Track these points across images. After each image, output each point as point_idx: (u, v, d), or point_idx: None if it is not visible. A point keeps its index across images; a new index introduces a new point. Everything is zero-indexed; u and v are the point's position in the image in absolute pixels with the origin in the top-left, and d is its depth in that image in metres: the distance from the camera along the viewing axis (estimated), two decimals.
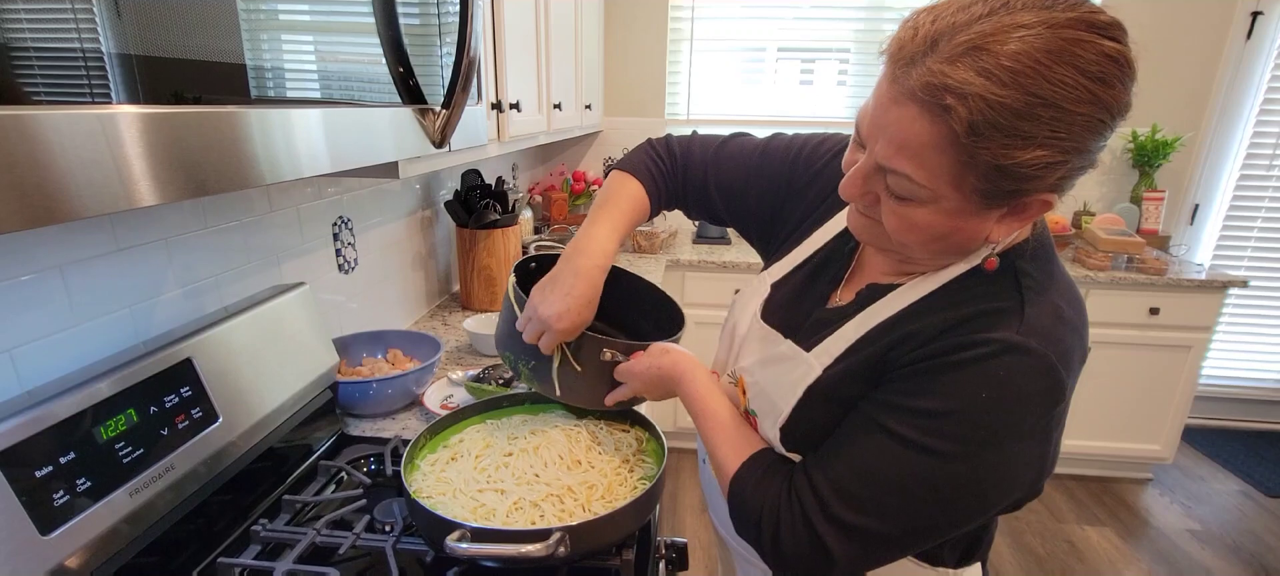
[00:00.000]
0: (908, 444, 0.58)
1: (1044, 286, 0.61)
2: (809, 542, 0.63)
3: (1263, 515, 2.48)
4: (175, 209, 0.90)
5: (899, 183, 0.56)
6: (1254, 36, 2.56)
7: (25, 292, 0.71)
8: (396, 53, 0.69)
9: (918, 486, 0.59)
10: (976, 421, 0.56)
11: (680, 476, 2.62)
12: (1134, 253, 2.39)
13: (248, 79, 0.48)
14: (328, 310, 1.28)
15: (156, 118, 0.39)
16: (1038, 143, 0.49)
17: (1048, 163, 0.50)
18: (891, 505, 0.60)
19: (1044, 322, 0.58)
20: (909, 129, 0.53)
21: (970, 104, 0.48)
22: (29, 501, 0.59)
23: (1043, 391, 0.56)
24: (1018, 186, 0.53)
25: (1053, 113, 0.49)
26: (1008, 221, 0.58)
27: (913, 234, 0.59)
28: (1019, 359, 0.56)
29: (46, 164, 0.33)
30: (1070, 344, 0.59)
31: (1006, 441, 0.57)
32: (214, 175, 0.43)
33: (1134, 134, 2.64)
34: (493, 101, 1.32)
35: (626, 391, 0.87)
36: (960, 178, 0.53)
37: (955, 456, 0.57)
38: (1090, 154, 0.53)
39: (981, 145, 0.50)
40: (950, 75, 0.49)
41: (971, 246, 0.61)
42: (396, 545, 0.81)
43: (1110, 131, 0.53)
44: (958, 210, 0.56)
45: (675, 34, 2.80)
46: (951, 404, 0.57)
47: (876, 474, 0.60)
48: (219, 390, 0.83)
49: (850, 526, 0.61)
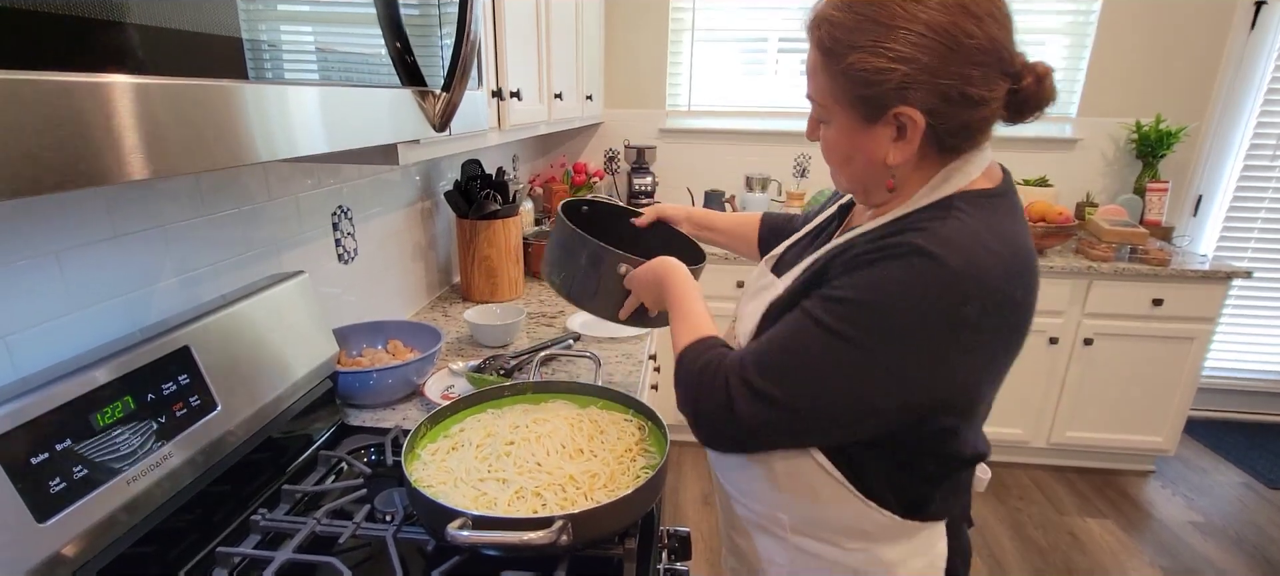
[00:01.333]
0: (820, 325, 0.66)
1: (976, 219, 0.65)
2: (722, 399, 0.71)
3: (1265, 507, 2.47)
4: (172, 196, 0.89)
5: (816, 108, 0.72)
6: (1258, 27, 2.54)
7: (21, 278, 0.70)
8: (394, 30, 0.68)
9: (820, 364, 0.66)
10: (877, 312, 0.63)
11: (683, 467, 2.62)
12: (1137, 243, 2.38)
13: (244, 53, 0.46)
14: (327, 301, 1.28)
15: (149, 89, 0.38)
16: (869, 51, 0.63)
17: (881, 68, 0.63)
18: (795, 377, 0.67)
19: (960, 240, 0.63)
20: (811, 61, 0.70)
21: (822, 26, 0.66)
22: (25, 488, 0.59)
23: (938, 298, 0.61)
24: (875, 93, 0.65)
25: (874, 27, 0.63)
26: (899, 145, 0.67)
27: (831, 155, 0.74)
28: (923, 262, 0.62)
29: (35, 132, 0.32)
30: (988, 269, 0.62)
31: (899, 339, 0.63)
32: (207, 150, 0.42)
33: (1138, 124, 2.62)
34: (493, 89, 1.31)
35: (634, 299, 0.98)
36: (836, 89, 0.68)
37: (855, 343, 0.64)
38: (930, 70, 0.62)
39: (837, 57, 0.65)
40: (819, 10, 0.68)
41: (875, 167, 0.70)
42: (397, 534, 0.80)
43: (944, 51, 0.62)
44: (848, 125, 0.69)
45: (676, 25, 2.78)
46: (861, 295, 0.64)
47: (790, 348, 0.68)
48: (217, 378, 0.82)
49: (757, 390, 0.68)
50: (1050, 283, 2.35)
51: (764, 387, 0.68)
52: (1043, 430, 2.57)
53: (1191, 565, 2.16)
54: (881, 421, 0.68)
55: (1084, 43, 2.64)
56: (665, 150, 2.91)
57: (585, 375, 1.33)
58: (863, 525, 0.77)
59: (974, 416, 0.74)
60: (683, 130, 2.90)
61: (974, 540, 2.24)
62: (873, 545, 0.78)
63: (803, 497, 0.78)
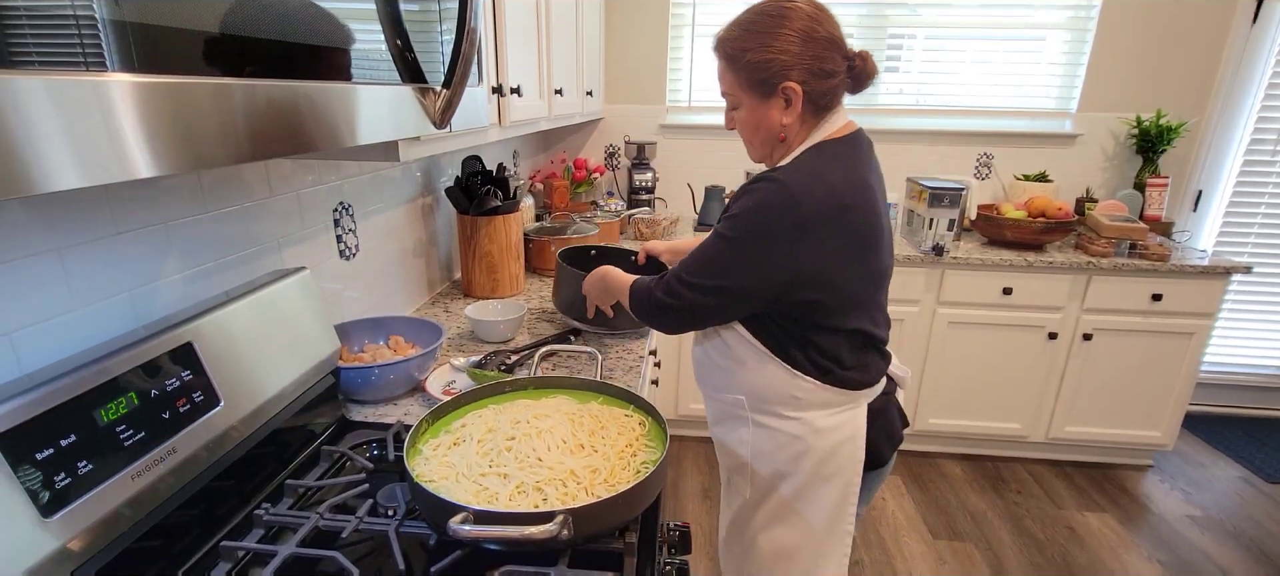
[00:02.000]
0: (716, 234, 1.00)
1: (815, 159, 0.99)
2: (661, 299, 1.06)
3: (1263, 501, 2.48)
4: (174, 193, 0.90)
5: (728, 99, 1.07)
6: (1259, 22, 2.53)
7: (24, 276, 0.70)
8: (395, 27, 0.68)
9: (714, 255, 1.00)
10: (745, 220, 0.97)
11: (683, 462, 2.63)
12: (1137, 239, 2.38)
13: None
14: (329, 297, 1.28)
15: (150, 87, 0.38)
16: (753, 48, 0.98)
17: (766, 58, 0.97)
18: (698, 268, 1.02)
19: (798, 170, 0.97)
20: (720, 69, 1.06)
21: (725, 43, 1.02)
22: (31, 484, 0.59)
23: (781, 206, 0.94)
24: (763, 75, 0.98)
25: (753, 34, 0.98)
26: (788, 110, 1.00)
27: (743, 129, 1.07)
28: (773, 185, 0.95)
29: (37, 130, 0.32)
30: (817, 185, 0.95)
31: (758, 236, 0.96)
32: (209, 147, 0.43)
33: (1138, 120, 2.62)
34: (494, 85, 1.31)
35: (591, 300, 1.35)
36: (739, 80, 1.02)
37: (733, 241, 0.98)
38: (796, 55, 0.96)
39: (737, 60, 1.00)
40: (719, 35, 1.04)
41: (774, 130, 1.02)
42: (400, 529, 0.81)
43: (786, 34, 0.96)
44: (753, 104, 1.02)
45: (676, 20, 2.77)
46: (737, 209, 0.98)
47: (699, 252, 1.03)
48: (220, 374, 0.83)
49: (686, 282, 1.03)
50: (1050, 278, 2.35)
51: (689, 279, 1.02)
52: (1041, 425, 2.58)
53: (1189, 559, 2.17)
54: (762, 295, 1.00)
55: (1084, 38, 2.63)
56: (666, 146, 2.91)
57: (586, 371, 1.33)
58: (794, 392, 1.06)
59: (840, 295, 1.00)
60: (683, 126, 2.90)
61: (971, 532, 2.26)
62: (805, 412, 1.07)
63: (745, 371, 1.09)
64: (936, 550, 2.18)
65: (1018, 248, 2.43)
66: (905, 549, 2.18)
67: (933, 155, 2.80)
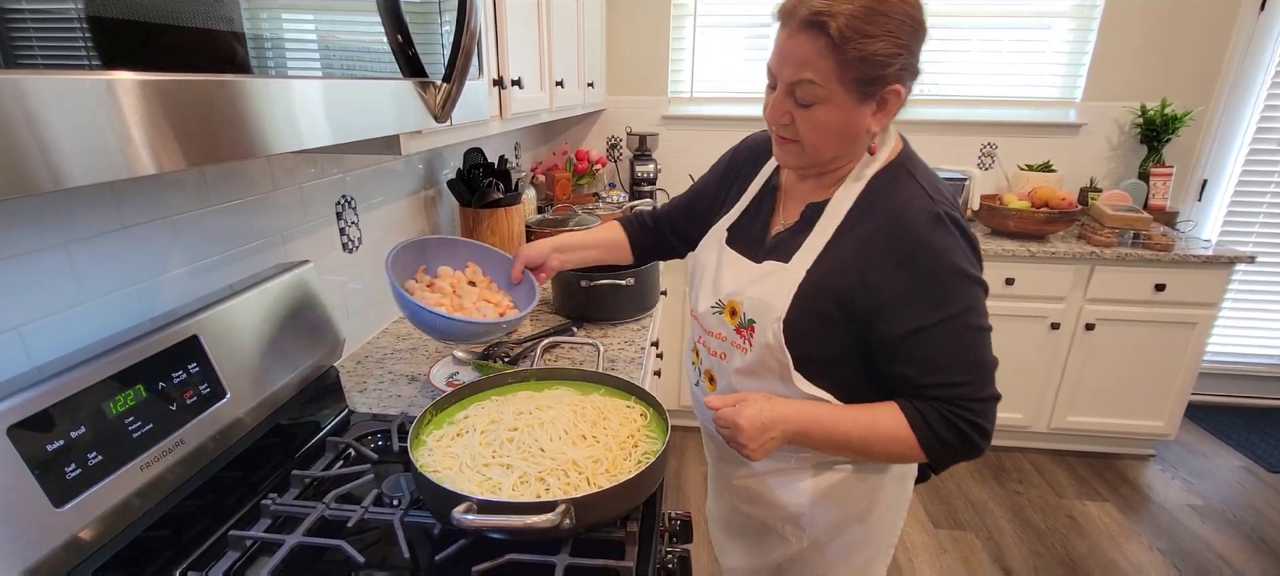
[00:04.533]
0: (952, 319, 0.80)
1: (923, 168, 0.88)
2: (962, 435, 0.83)
3: (1264, 490, 2.49)
4: (178, 188, 0.90)
5: (805, 90, 0.80)
6: (1266, 10, 2.51)
7: (31, 271, 0.71)
8: (395, 22, 0.68)
9: (964, 332, 0.81)
10: (952, 273, 0.80)
11: (685, 452, 2.64)
12: (1141, 228, 2.37)
13: (247, 47, 0.47)
14: (332, 289, 1.29)
15: (155, 85, 0.39)
16: (880, 38, 0.75)
17: (889, 52, 0.76)
18: (974, 357, 0.82)
19: (941, 190, 0.84)
20: (803, 49, 0.77)
21: (838, 18, 0.74)
22: (42, 474, 0.60)
23: (967, 240, 0.82)
24: (877, 73, 0.77)
25: (885, 18, 0.75)
26: (879, 115, 0.82)
27: (821, 134, 0.82)
28: (951, 226, 0.80)
29: (43, 129, 0.33)
30: (950, 194, 0.85)
31: (970, 277, 0.81)
32: (213, 144, 0.43)
33: (1143, 108, 2.60)
34: (494, 78, 1.31)
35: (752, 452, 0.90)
36: (841, 74, 0.77)
37: (979, 283, 0.81)
38: (912, 54, 0.78)
39: (849, 44, 0.74)
40: (825, 5, 0.75)
41: (860, 138, 0.84)
42: (404, 518, 0.82)
43: (919, 36, 0.78)
44: (845, 104, 0.79)
45: (678, 10, 2.76)
46: (949, 264, 0.79)
47: (954, 349, 0.81)
48: (226, 366, 0.84)
49: (964, 404, 0.82)
50: (1053, 268, 2.35)
51: (986, 381, 0.83)
52: (1043, 415, 2.58)
53: (1189, 548, 2.18)
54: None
55: (1089, 26, 2.61)
56: (667, 137, 2.90)
57: (588, 362, 1.34)
58: None
59: None
60: (685, 116, 2.89)
61: (972, 521, 2.27)
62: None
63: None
64: (938, 539, 2.19)
65: (1021, 238, 2.43)
66: (906, 538, 2.19)
67: (936, 145, 2.78)
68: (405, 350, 1.39)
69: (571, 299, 1.55)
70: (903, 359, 0.83)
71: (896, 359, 0.83)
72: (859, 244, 0.83)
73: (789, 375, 0.88)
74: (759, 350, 0.89)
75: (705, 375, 1.04)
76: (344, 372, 1.26)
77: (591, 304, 1.54)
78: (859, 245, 0.83)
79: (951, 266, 0.79)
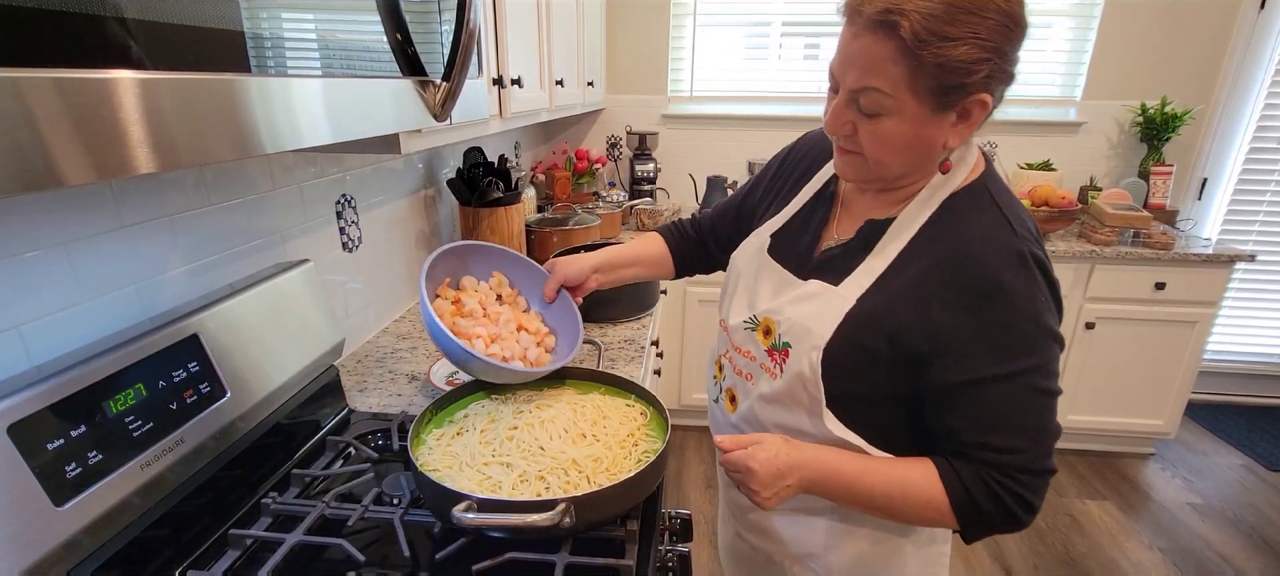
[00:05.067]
0: (1011, 378, 0.70)
1: (1007, 194, 0.76)
2: (1003, 508, 0.73)
3: (1263, 488, 2.49)
4: (178, 186, 0.90)
5: (871, 99, 0.69)
6: (1267, 8, 2.51)
7: (31, 270, 0.71)
8: (395, 21, 0.68)
9: (1032, 399, 0.71)
10: (1031, 321, 0.69)
11: (685, 451, 2.65)
12: (1140, 227, 2.37)
13: (246, 46, 0.47)
14: (332, 289, 1.29)
15: (155, 84, 0.39)
16: (964, 42, 0.63)
17: (975, 58, 0.64)
18: (1037, 424, 0.72)
19: (1024, 221, 0.74)
20: (870, 51, 0.67)
21: (911, 18, 0.63)
22: (42, 473, 0.60)
23: (1049, 280, 0.71)
24: (958, 81, 0.65)
25: (970, 17, 0.63)
26: (959, 127, 0.70)
27: (886, 148, 0.72)
28: (1032, 267, 0.69)
29: (44, 127, 0.33)
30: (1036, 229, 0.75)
31: (1049, 319, 0.71)
32: (213, 143, 0.43)
33: (1143, 107, 2.60)
34: (494, 77, 1.31)
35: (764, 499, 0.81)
36: (914, 82, 0.66)
37: (1035, 367, 0.70)
38: (1006, 57, 0.66)
39: (925, 48, 0.63)
40: (896, 1, 0.63)
41: (934, 153, 0.73)
42: (404, 517, 0.82)
43: (1017, 39, 0.66)
44: (918, 116, 0.68)
45: (678, 9, 2.76)
46: (1012, 320, 0.69)
47: (1013, 410, 0.71)
48: (226, 365, 0.84)
49: (1014, 475, 0.72)
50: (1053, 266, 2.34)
51: (1040, 464, 0.72)
52: None
53: (1189, 546, 2.18)
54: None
55: (1089, 24, 2.61)
56: (667, 136, 2.90)
57: (588, 361, 1.34)
58: None
59: None
60: (685, 116, 2.89)
61: None
62: None
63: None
64: None
65: None
66: None
67: None
68: (405, 349, 1.39)
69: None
70: (954, 410, 0.73)
71: (946, 409, 0.73)
72: (923, 275, 0.73)
73: (819, 411, 0.79)
74: (790, 379, 0.80)
75: (727, 393, 0.94)
76: (344, 372, 1.26)
77: (591, 302, 1.54)
78: (923, 276, 0.73)
79: (1029, 315, 0.69)
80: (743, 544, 1.01)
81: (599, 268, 1.05)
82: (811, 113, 2.76)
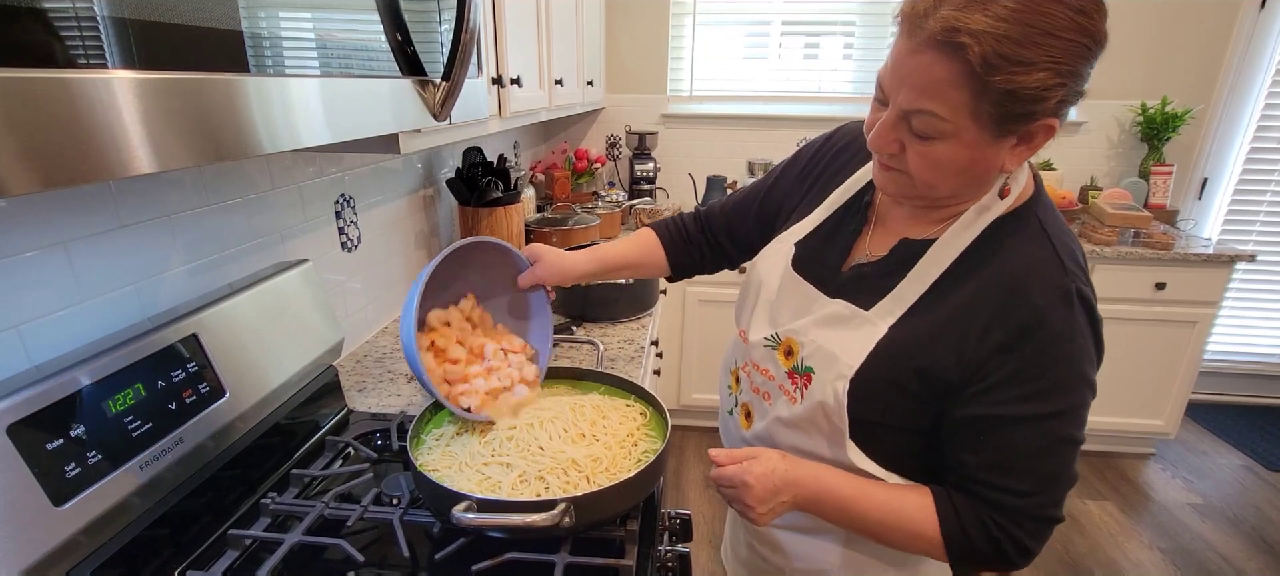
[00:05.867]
0: (1038, 421, 0.66)
1: (1057, 222, 0.71)
2: (1019, 545, 0.70)
3: (1264, 488, 2.49)
4: (177, 186, 0.90)
5: (924, 122, 0.62)
6: (1267, 8, 2.51)
7: (30, 270, 0.71)
8: (394, 21, 0.68)
9: (1055, 446, 0.68)
10: (1069, 366, 0.66)
11: (685, 451, 2.64)
12: (1141, 227, 2.37)
13: (245, 45, 0.47)
14: (331, 288, 1.29)
15: (153, 83, 0.39)
16: (1039, 67, 0.56)
17: (1048, 85, 0.58)
18: (1056, 471, 0.69)
19: (1074, 249, 0.69)
20: (929, 72, 0.60)
21: (982, 40, 0.56)
22: (41, 473, 0.60)
23: (1095, 318, 0.68)
24: (1026, 109, 0.59)
25: (1048, 39, 0.56)
26: (1018, 150, 0.64)
27: (937, 172, 0.65)
28: (1080, 304, 0.65)
29: (41, 129, 0.33)
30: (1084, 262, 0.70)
31: (1087, 366, 0.68)
32: (213, 143, 0.43)
33: (1143, 107, 2.60)
34: (493, 76, 1.30)
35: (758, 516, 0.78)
36: (976, 108, 0.60)
37: (1062, 412, 0.67)
38: (1081, 78, 0.60)
39: (994, 74, 0.57)
40: (962, 20, 0.56)
41: (989, 177, 0.68)
42: (404, 517, 0.82)
43: (1095, 57, 0.60)
44: (976, 141, 0.62)
45: (677, 8, 2.76)
46: (1051, 363, 0.66)
47: (1031, 453, 0.68)
48: (225, 365, 0.84)
49: (1022, 518, 0.69)
50: None
51: (1047, 512, 0.69)
52: None
53: (1190, 546, 2.18)
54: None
55: None
56: (667, 136, 2.90)
57: (587, 361, 1.34)
58: None
59: None
60: (685, 115, 2.89)
61: None
62: None
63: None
64: None
65: None
66: None
67: None
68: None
69: (571, 298, 1.55)
70: (970, 444, 0.70)
71: (963, 441, 0.70)
72: (961, 306, 0.68)
73: (841, 441, 0.75)
74: (811, 406, 0.76)
75: (742, 408, 0.89)
76: (343, 371, 1.26)
77: (591, 303, 1.54)
78: (961, 307, 0.68)
79: (1069, 359, 0.65)
80: (754, 556, 0.97)
81: (588, 275, 1.01)
82: (812, 112, 2.76)
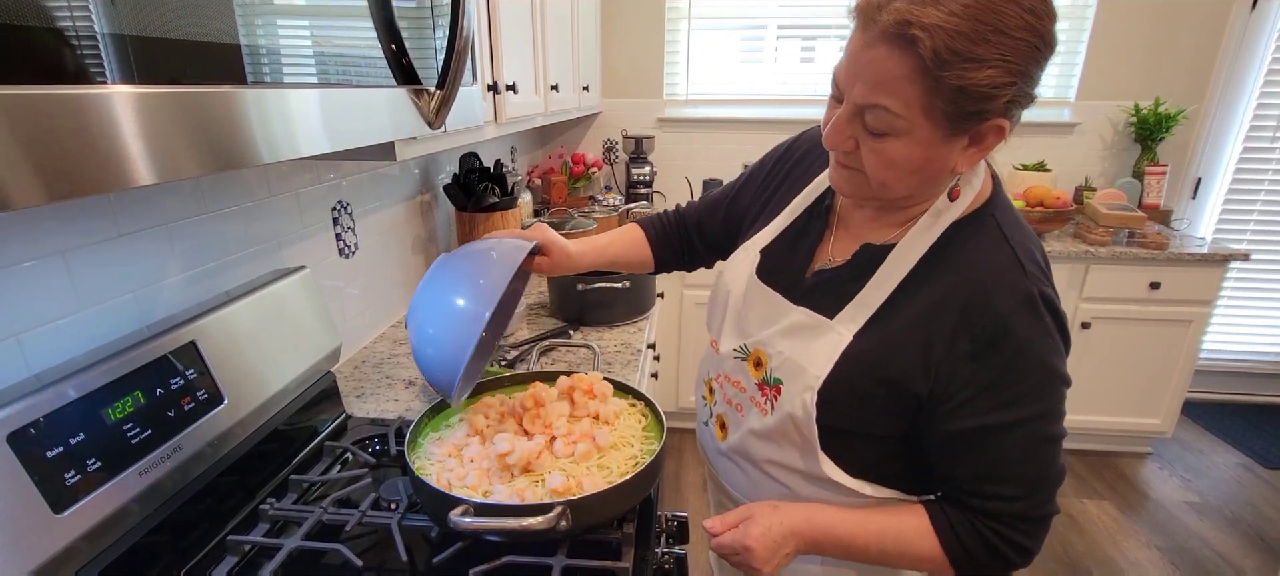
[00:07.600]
0: (1015, 427, 0.67)
1: (1016, 224, 0.72)
2: (1019, 550, 0.72)
3: (1261, 487, 2.50)
4: (175, 194, 0.91)
5: (878, 118, 0.63)
6: (1258, 8, 2.52)
7: (29, 278, 0.72)
8: (389, 31, 0.69)
9: (1042, 448, 0.69)
10: (1039, 368, 0.66)
11: (682, 454, 2.65)
12: (1135, 227, 2.38)
13: (243, 58, 0.48)
14: (329, 295, 1.29)
15: (152, 98, 0.39)
16: (989, 64, 0.57)
17: (998, 83, 0.58)
18: (1039, 471, 0.69)
19: (1033, 250, 0.70)
20: (882, 66, 0.60)
21: (934, 34, 0.56)
22: (41, 481, 0.61)
23: (1054, 319, 0.68)
24: (977, 107, 0.60)
25: (999, 37, 0.57)
26: (970, 152, 0.65)
27: (892, 171, 0.66)
28: (1042, 305, 0.66)
29: (45, 142, 0.33)
30: (1044, 262, 0.71)
31: (1053, 357, 0.67)
32: (211, 155, 0.44)
33: (1136, 107, 2.62)
34: (489, 83, 1.31)
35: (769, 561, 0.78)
36: (929, 104, 0.60)
37: (1063, 378, 0.68)
38: (1031, 80, 0.61)
39: (945, 69, 0.57)
40: (915, 13, 0.57)
41: (942, 178, 0.69)
42: (402, 522, 0.82)
43: (1044, 60, 0.61)
44: (929, 139, 0.63)
45: (673, 12, 2.77)
46: (1020, 368, 0.66)
47: (1019, 460, 0.69)
48: (224, 372, 0.84)
49: (1037, 519, 0.71)
50: None
51: (1039, 511, 0.70)
52: None
53: (1187, 545, 2.18)
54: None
55: (1083, 25, 2.62)
56: (663, 139, 2.91)
57: (585, 365, 1.35)
58: None
59: None
60: (681, 119, 2.90)
61: None
62: None
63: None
64: None
65: None
66: None
67: None
68: (402, 354, 1.39)
69: (568, 301, 1.55)
70: (953, 458, 0.71)
71: (945, 455, 0.72)
72: (924, 312, 0.69)
73: (813, 451, 0.76)
74: (782, 418, 0.77)
75: (717, 420, 0.91)
76: (341, 377, 1.26)
77: (588, 306, 1.55)
78: (924, 313, 0.69)
79: (1037, 362, 0.66)
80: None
81: (591, 265, 1.01)
82: (808, 115, 2.77)
